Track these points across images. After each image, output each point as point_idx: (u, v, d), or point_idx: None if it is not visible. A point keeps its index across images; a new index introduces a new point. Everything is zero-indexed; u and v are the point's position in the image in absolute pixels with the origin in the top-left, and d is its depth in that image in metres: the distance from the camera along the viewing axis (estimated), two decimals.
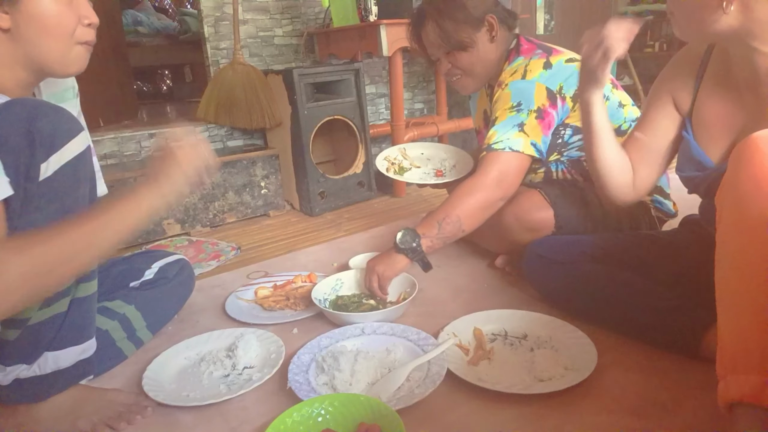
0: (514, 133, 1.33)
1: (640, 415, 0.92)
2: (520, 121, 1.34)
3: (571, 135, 1.42)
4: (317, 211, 2.35)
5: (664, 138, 1.13)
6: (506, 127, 1.34)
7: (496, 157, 1.33)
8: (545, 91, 1.35)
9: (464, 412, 0.96)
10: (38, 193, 0.80)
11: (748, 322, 0.70)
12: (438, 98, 3.07)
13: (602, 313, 1.17)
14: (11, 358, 0.89)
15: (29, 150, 0.78)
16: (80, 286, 0.94)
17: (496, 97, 1.40)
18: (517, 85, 1.36)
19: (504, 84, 1.39)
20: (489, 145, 1.35)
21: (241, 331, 1.23)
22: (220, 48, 2.52)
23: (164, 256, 1.34)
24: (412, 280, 1.39)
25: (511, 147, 1.33)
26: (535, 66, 1.37)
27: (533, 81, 1.36)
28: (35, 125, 0.78)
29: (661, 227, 1.46)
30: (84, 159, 0.87)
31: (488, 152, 1.35)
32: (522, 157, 1.34)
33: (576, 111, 1.36)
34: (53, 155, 0.81)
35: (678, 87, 1.09)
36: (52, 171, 0.81)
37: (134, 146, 2.35)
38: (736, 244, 0.74)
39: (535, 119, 1.34)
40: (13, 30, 0.86)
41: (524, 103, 1.35)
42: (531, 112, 1.34)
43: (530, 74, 1.36)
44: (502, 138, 1.33)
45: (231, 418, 1.00)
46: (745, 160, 0.74)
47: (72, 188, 0.85)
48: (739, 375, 0.69)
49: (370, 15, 2.33)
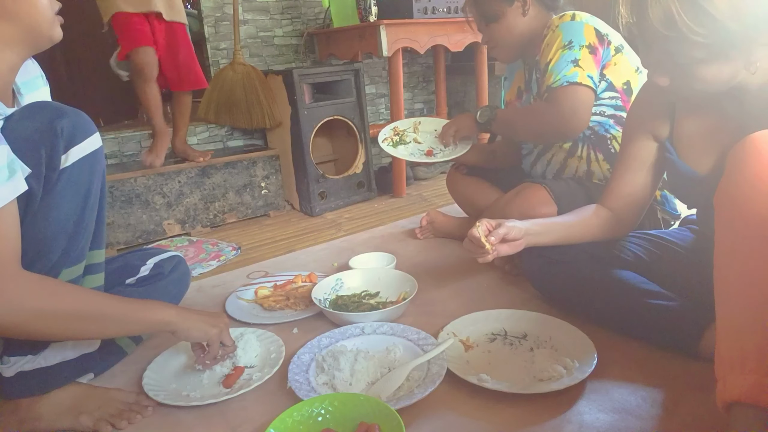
0: (570, 69, 1.37)
1: (640, 415, 0.92)
2: (573, 57, 1.38)
3: (605, 89, 1.44)
4: (317, 211, 2.36)
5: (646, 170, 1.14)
6: (561, 64, 1.38)
7: (559, 93, 1.38)
8: (594, 31, 1.40)
9: (464, 411, 0.96)
10: (58, 180, 0.90)
11: (747, 323, 0.70)
12: (438, 98, 3.08)
13: (602, 313, 1.18)
14: (18, 349, 0.93)
15: (52, 142, 0.88)
16: (87, 278, 0.98)
17: (547, 41, 1.44)
18: (566, 25, 1.41)
19: (554, 26, 1.43)
20: (548, 86, 1.40)
21: (241, 331, 1.23)
22: (220, 48, 2.52)
23: (159, 253, 1.34)
24: (412, 280, 1.40)
25: (568, 80, 1.36)
26: (581, 14, 1.43)
27: (582, 22, 1.41)
28: (59, 123, 0.89)
29: (666, 228, 1.46)
30: (98, 155, 0.97)
31: (549, 92, 1.40)
32: (582, 89, 1.37)
33: (616, 65, 1.41)
34: (73, 148, 0.91)
35: (653, 120, 1.10)
36: (71, 162, 0.91)
37: (134, 146, 2.35)
38: (734, 244, 0.74)
39: (589, 54, 1.38)
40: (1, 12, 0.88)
41: (575, 40, 1.39)
42: (582, 47, 1.38)
43: (578, 17, 1.42)
44: (559, 76, 1.37)
45: (231, 417, 1.00)
46: (743, 161, 0.74)
47: (87, 180, 0.95)
48: (737, 375, 0.69)
49: (370, 15, 2.33)
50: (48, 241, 0.89)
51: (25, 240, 0.86)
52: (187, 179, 2.19)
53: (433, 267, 1.65)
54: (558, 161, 1.56)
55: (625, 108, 1.44)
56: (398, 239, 1.93)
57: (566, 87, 1.37)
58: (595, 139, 1.48)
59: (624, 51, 1.43)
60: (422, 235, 1.91)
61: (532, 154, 1.64)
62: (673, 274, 1.17)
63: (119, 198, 2.04)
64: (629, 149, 1.15)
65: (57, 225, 0.90)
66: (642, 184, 1.15)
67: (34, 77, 1.04)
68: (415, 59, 3.05)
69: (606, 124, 1.46)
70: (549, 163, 1.58)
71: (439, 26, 2.41)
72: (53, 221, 0.90)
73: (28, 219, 0.87)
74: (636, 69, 1.44)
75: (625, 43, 1.45)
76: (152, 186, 2.11)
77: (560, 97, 1.37)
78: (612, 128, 1.46)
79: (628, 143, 1.16)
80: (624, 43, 1.44)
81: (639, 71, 1.44)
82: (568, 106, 1.37)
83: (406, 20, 2.31)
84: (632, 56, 1.44)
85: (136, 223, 2.09)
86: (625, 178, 1.16)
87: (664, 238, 1.26)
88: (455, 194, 1.87)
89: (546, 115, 1.41)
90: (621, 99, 1.43)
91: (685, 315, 1.04)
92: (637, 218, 1.19)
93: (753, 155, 0.73)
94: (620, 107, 1.44)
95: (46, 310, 0.83)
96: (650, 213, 1.44)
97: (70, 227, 0.92)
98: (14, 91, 0.97)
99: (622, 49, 1.43)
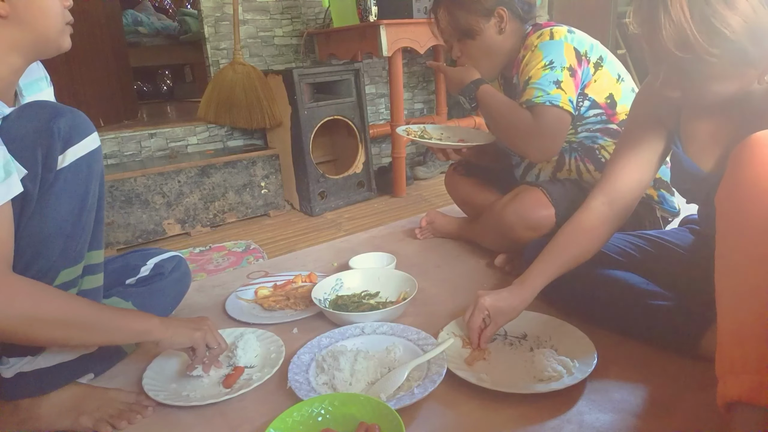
0: (553, 89, 1.34)
1: (640, 415, 0.92)
2: (556, 78, 1.34)
3: (588, 108, 1.41)
4: (317, 211, 2.35)
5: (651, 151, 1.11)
6: (543, 83, 1.34)
7: (542, 110, 1.33)
8: (573, 51, 1.37)
9: (464, 411, 0.96)
10: (55, 181, 0.89)
11: (748, 322, 0.70)
12: (438, 98, 3.08)
13: (602, 313, 1.17)
14: (16, 350, 0.92)
15: (49, 143, 0.87)
16: (87, 278, 0.98)
17: (526, 60, 1.40)
18: (546, 45, 1.37)
19: (533, 46, 1.40)
20: (529, 99, 1.35)
21: (241, 331, 1.23)
22: (220, 48, 2.52)
23: (159, 253, 1.34)
24: (412, 280, 1.40)
25: (551, 101, 1.33)
26: (559, 30, 1.40)
27: (561, 41, 1.37)
28: (56, 123, 0.88)
29: (665, 227, 1.46)
30: (96, 156, 0.96)
31: (531, 107, 1.35)
32: (564, 113, 1.34)
33: (597, 81, 1.39)
34: (70, 149, 0.90)
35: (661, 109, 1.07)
36: (69, 162, 0.90)
37: (134, 146, 2.35)
38: (735, 244, 0.74)
39: (569, 76, 1.36)
40: (12, 16, 0.88)
41: (556, 60, 1.36)
42: (564, 69, 1.35)
43: (557, 35, 1.38)
44: (542, 93, 1.33)
45: (231, 417, 1.00)
46: (745, 160, 0.74)
47: (85, 181, 0.93)
48: (737, 375, 0.69)
49: (370, 15, 2.33)
50: (46, 242, 0.89)
51: (22, 241, 0.86)
52: (186, 179, 2.19)
53: (433, 267, 1.65)
54: (546, 175, 1.55)
55: (611, 120, 1.42)
56: (398, 239, 1.93)
57: (550, 107, 1.33)
58: (583, 150, 1.47)
59: (604, 63, 1.41)
60: (422, 235, 1.91)
61: (520, 166, 1.63)
62: (673, 274, 1.17)
63: (119, 198, 2.04)
64: (635, 132, 1.11)
65: (55, 226, 0.90)
66: (642, 171, 1.11)
67: (38, 79, 1.04)
68: (415, 59, 3.05)
69: (593, 136, 1.45)
70: (537, 177, 1.57)
71: None
72: (51, 222, 0.89)
73: (24, 220, 0.87)
74: (617, 78, 1.42)
75: (606, 53, 1.43)
76: (152, 186, 2.11)
77: (545, 115, 1.33)
78: (600, 139, 1.45)
79: (634, 126, 1.12)
80: (605, 53, 1.42)
81: (621, 80, 1.43)
82: (550, 126, 1.33)
83: (406, 20, 2.31)
84: (612, 66, 1.43)
85: (136, 222, 2.09)
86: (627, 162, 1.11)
87: (663, 239, 1.26)
88: (454, 194, 1.87)
89: (525, 126, 1.35)
90: (606, 114, 1.42)
91: (685, 315, 1.04)
92: (630, 210, 1.14)
93: (755, 155, 0.73)
94: (606, 120, 1.43)
95: (32, 316, 0.83)
96: (649, 212, 1.44)
97: (68, 228, 0.92)
98: (17, 93, 0.97)
99: (602, 63, 1.40)
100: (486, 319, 1.09)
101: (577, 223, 1.14)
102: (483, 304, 1.09)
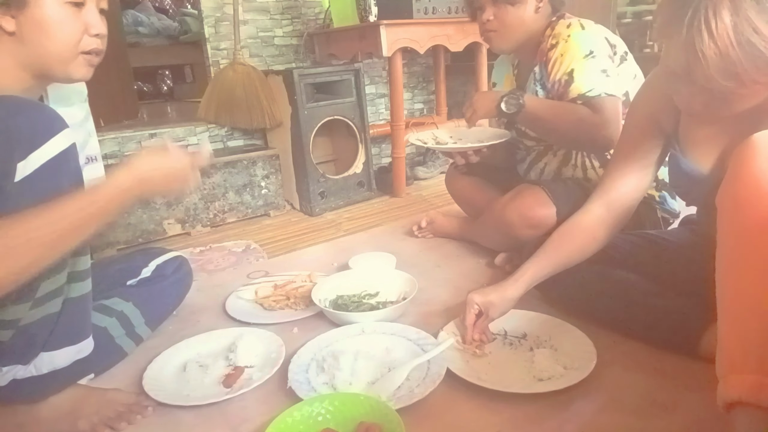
0: (603, 79, 1.33)
1: (640, 415, 0.92)
2: (602, 68, 1.34)
3: None
4: (317, 211, 2.35)
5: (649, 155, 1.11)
6: (590, 74, 1.33)
7: (600, 103, 1.31)
8: (606, 41, 1.38)
9: (464, 411, 0.96)
10: (17, 191, 0.77)
11: (748, 322, 0.70)
12: (438, 98, 3.08)
13: (602, 313, 1.17)
14: (7, 359, 0.89)
15: (6, 147, 0.76)
16: (73, 286, 0.93)
17: (560, 50, 1.38)
18: (581, 34, 1.37)
19: (564, 35, 1.38)
20: (582, 95, 1.33)
21: (241, 331, 1.23)
22: (220, 48, 2.52)
23: (161, 254, 1.34)
24: (412, 280, 1.40)
25: (606, 92, 1.32)
26: (587, 21, 1.40)
27: (596, 29, 1.38)
28: (14, 122, 0.77)
29: (666, 227, 1.46)
30: (67, 157, 0.84)
31: (586, 101, 1.32)
32: (618, 101, 1.34)
33: (619, 75, 1.38)
34: (33, 153, 0.79)
35: (660, 112, 1.06)
36: (32, 169, 0.79)
37: (135, 146, 2.35)
38: (736, 245, 0.74)
39: (612, 64, 1.36)
40: (18, 33, 0.87)
41: (596, 49, 1.35)
42: (606, 56, 1.35)
43: (588, 25, 1.38)
44: (594, 86, 1.32)
45: (231, 417, 1.00)
46: (746, 161, 0.74)
47: (54, 186, 0.82)
48: (738, 375, 0.69)
49: (370, 15, 2.33)
50: None
51: None
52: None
53: (433, 267, 1.65)
54: (551, 170, 1.54)
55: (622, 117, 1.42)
56: (398, 239, 1.93)
57: (606, 98, 1.32)
58: None
59: (627, 58, 1.41)
60: (420, 234, 1.90)
61: (524, 161, 1.62)
62: (673, 273, 1.17)
63: None
64: (633, 135, 1.12)
65: None
66: (641, 174, 1.11)
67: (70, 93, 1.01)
68: (415, 59, 3.05)
69: None
70: (542, 172, 1.57)
71: (439, 26, 2.41)
72: None
73: None
74: (634, 76, 1.42)
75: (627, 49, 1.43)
76: None
77: (604, 106, 1.31)
78: None
79: (632, 130, 1.12)
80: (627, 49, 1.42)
81: (635, 78, 1.42)
82: (612, 116, 1.32)
83: (406, 20, 2.31)
84: (632, 63, 1.43)
85: (136, 222, 2.09)
86: (625, 167, 1.12)
87: (663, 238, 1.26)
88: (454, 193, 1.87)
89: (589, 122, 1.32)
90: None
91: (685, 315, 1.04)
92: (629, 215, 1.15)
93: (756, 156, 0.73)
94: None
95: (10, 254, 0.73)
96: (650, 212, 1.44)
97: None
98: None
99: (627, 57, 1.41)
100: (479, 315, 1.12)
101: (573, 223, 1.15)
102: (472, 300, 1.12)
